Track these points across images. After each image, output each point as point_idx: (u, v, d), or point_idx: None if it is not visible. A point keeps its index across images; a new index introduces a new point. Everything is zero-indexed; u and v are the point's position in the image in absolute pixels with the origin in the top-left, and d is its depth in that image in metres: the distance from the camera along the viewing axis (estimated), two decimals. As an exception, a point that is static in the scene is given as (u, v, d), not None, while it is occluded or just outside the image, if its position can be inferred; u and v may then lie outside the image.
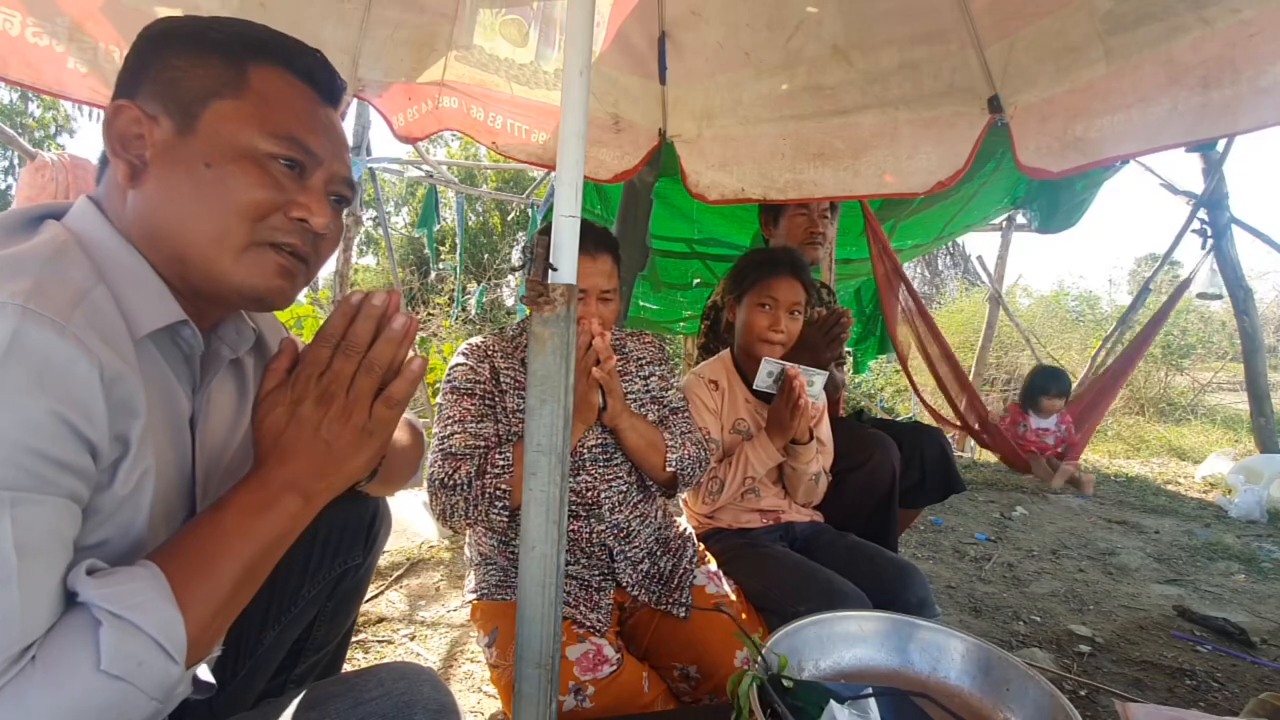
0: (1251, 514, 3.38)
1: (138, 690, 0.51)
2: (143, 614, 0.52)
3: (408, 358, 0.67)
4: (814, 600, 1.26)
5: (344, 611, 1.06)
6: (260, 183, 0.65)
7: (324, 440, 0.63)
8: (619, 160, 2.08)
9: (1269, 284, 9.25)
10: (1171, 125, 1.30)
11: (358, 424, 0.64)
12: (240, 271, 0.66)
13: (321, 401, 0.63)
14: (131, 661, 0.50)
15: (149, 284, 0.64)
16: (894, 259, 2.98)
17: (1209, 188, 3.76)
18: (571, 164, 0.84)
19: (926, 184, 1.74)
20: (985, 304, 5.77)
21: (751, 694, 0.77)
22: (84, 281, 0.58)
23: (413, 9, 1.70)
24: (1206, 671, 1.84)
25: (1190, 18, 1.25)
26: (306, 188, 0.69)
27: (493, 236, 11.54)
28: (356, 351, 0.63)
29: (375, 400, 0.65)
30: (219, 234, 0.64)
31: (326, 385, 0.63)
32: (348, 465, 0.65)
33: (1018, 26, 1.51)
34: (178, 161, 0.64)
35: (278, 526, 0.62)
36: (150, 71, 0.65)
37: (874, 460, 1.70)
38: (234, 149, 0.64)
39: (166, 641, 0.52)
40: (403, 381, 0.66)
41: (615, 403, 1.28)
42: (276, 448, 0.63)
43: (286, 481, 0.62)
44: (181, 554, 0.58)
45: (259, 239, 0.66)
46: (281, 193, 0.66)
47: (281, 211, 0.67)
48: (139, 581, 0.54)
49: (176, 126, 0.64)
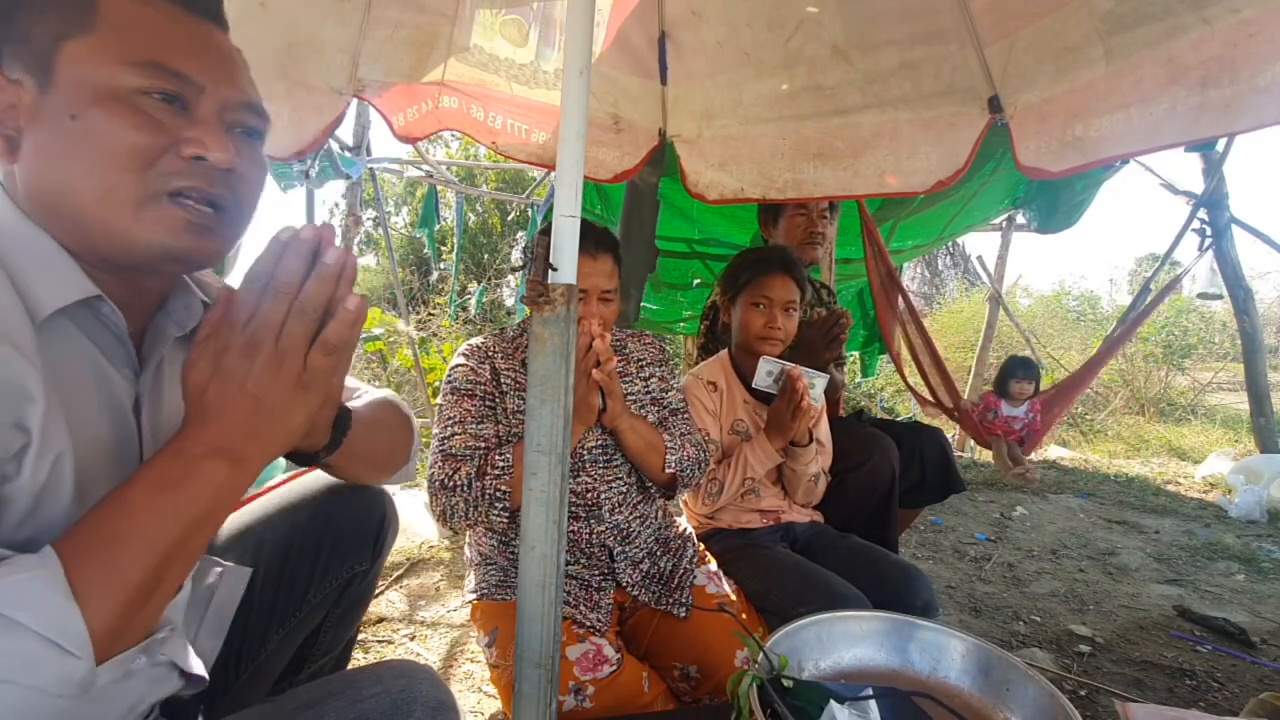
0: (1251, 514, 3.38)
1: (32, 690, 0.47)
2: (25, 609, 0.47)
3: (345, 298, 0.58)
4: (815, 602, 1.26)
5: (351, 616, 1.05)
6: (134, 124, 0.57)
7: (251, 395, 0.55)
8: (619, 160, 2.08)
9: (1269, 284, 9.25)
10: (1171, 125, 1.31)
11: (290, 375, 0.56)
12: (143, 230, 0.59)
13: (248, 351, 0.55)
14: (13, 660, 0.46)
15: (53, 260, 0.58)
16: (889, 263, 3.06)
17: (1209, 188, 3.76)
18: (571, 164, 0.85)
19: (926, 184, 1.74)
20: (985, 304, 5.77)
21: (751, 694, 0.77)
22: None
23: (413, 9, 1.70)
24: (1206, 671, 1.84)
25: (1190, 18, 1.25)
26: (195, 120, 0.60)
27: (493, 236, 11.54)
28: (286, 293, 0.55)
29: (311, 348, 0.57)
30: (104, 191, 0.57)
31: (253, 332, 0.55)
32: (283, 423, 0.57)
33: (1018, 26, 1.51)
34: (45, 121, 0.57)
35: (199, 498, 0.54)
36: (5, 26, 0.58)
37: (874, 460, 1.70)
38: (95, 91, 0.56)
39: (60, 636, 0.47)
40: (339, 324, 0.56)
41: (615, 404, 1.28)
42: (199, 407, 0.56)
43: (211, 446, 0.55)
44: (83, 539, 0.52)
45: (152, 189, 0.58)
46: (162, 132, 0.58)
47: (172, 152, 0.59)
48: (25, 573, 0.48)
49: (37, 83, 0.57)
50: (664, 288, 3.95)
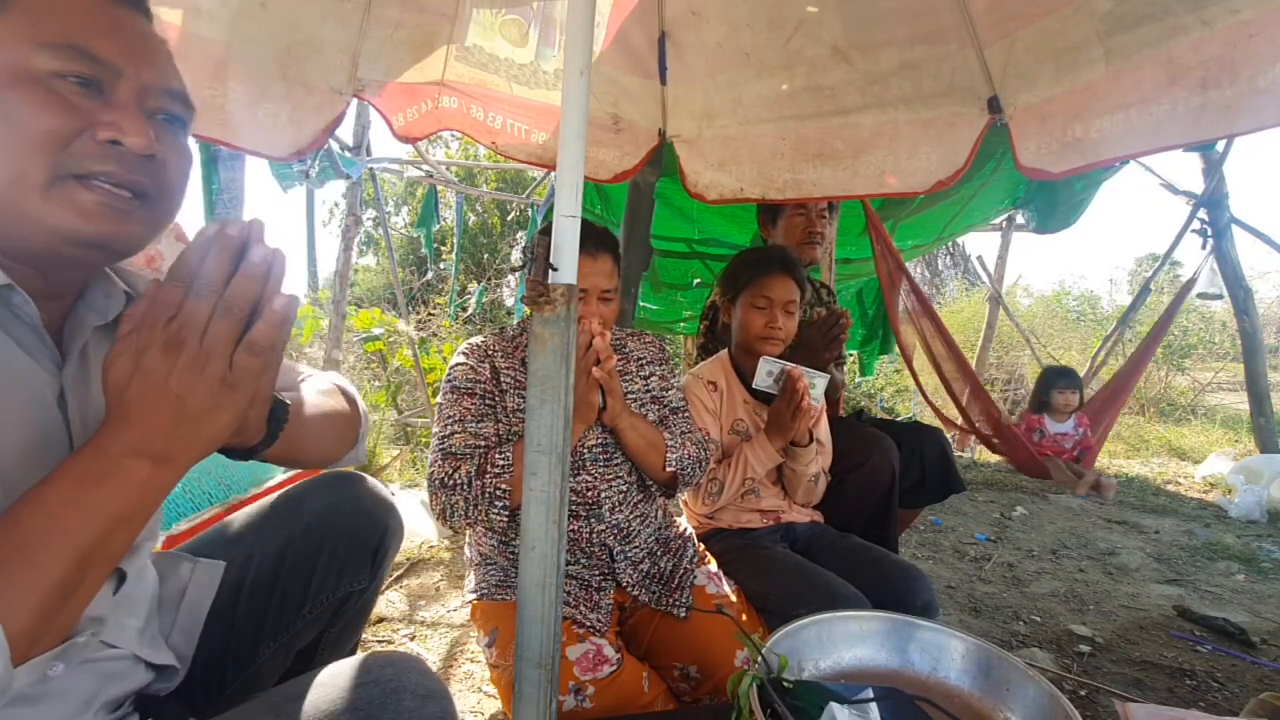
0: (1251, 514, 3.38)
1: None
2: None
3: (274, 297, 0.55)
4: (815, 603, 1.26)
5: (349, 634, 1.04)
6: (45, 105, 0.56)
7: (174, 394, 0.53)
8: (619, 160, 2.08)
9: (1269, 284, 9.26)
10: (1171, 126, 1.30)
11: (215, 375, 0.54)
12: (52, 213, 0.57)
13: (169, 349, 0.53)
14: None
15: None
16: (897, 257, 2.89)
17: (1209, 188, 3.76)
18: (571, 164, 0.85)
19: (926, 184, 1.74)
20: (985, 304, 5.77)
21: (751, 694, 0.77)
22: None
23: (412, 9, 1.70)
24: (1206, 671, 1.84)
25: (1190, 18, 1.25)
26: (112, 104, 0.59)
27: (493, 236, 11.54)
28: (211, 290, 0.53)
29: (236, 348, 0.55)
30: (14, 174, 0.56)
31: (175, 331, 0.53)
32: (207, 424, 0.55)
33: (1017, 27, 1.51)
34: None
35: (123, 496, 0.53)
36: None
37: (873, 460, 1.70)
38: (7, 73, 0.55)
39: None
40: (265, 325, 0.55)
41: (615, 403, 1.28)
42: (119, 405, 0.54)
43: (131, 445, 0.53)
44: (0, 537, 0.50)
45: (62, 171, 0.57)
46: (76, 114, 0.57)
47: (86, 135, 0.58)
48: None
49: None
50: (664, 288, 3.96)
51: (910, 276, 2.94)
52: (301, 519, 0.92)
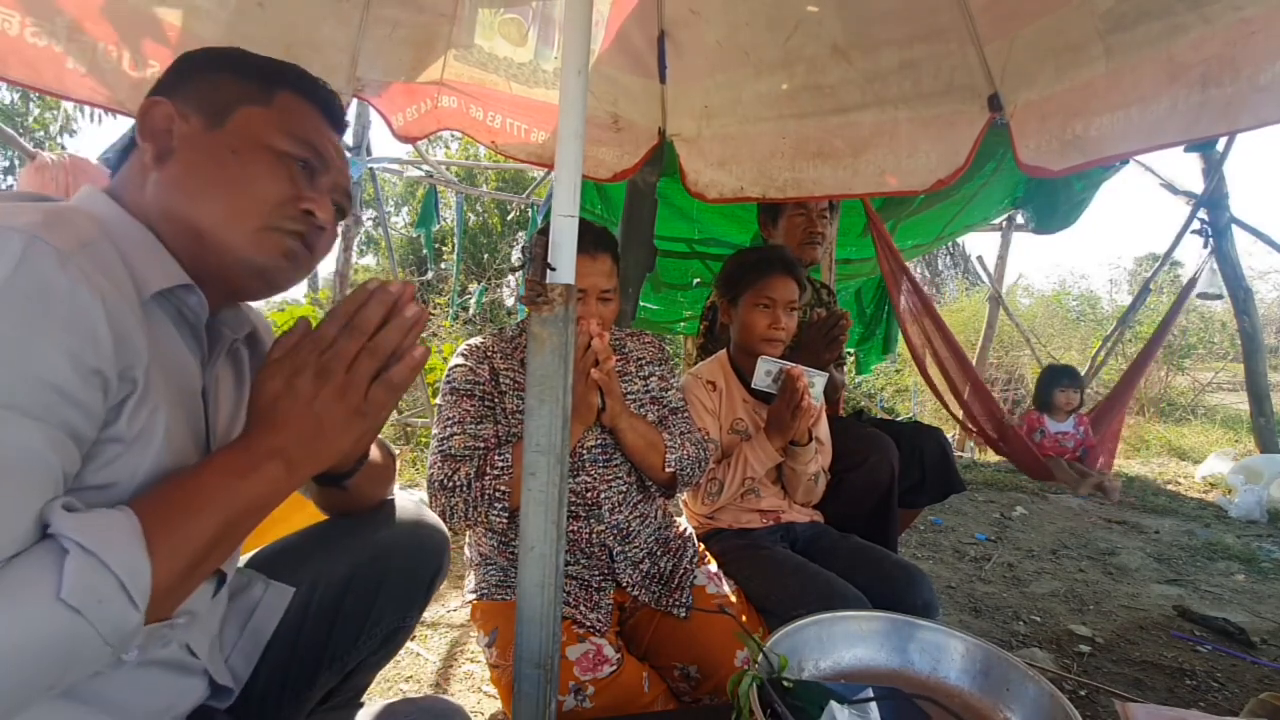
0: (1251, 514, 3.37)
1: (92, 629, 0.50)
2: (111, 551, 0.51)
3: (414, 345, 0.68)
4: (815, 603, 1.26)
5: (383, 663, 1.07)
6: (280, 174, 0.73)
7: (315, 414, 0.64)
8: (619, 159, 2.08)
9: (1269, 284, 9.26)
10: (1171, 124, 1.30)
11: (352, 403, 0.65)
12: (251, 248, 0.71)
13: (320, 376, 0.64)
14: (91, 596, 0.49)
15: (155, 250, 0.67)
16: (898, 257, 2.88)
17: (1209, 188, 3.76)
18: (570, 163, 0.84)
19: (926, 182, 1.74)
20: (985, 304, 5.77)
21: (751, 694, 0.77)
22: (88, 234, 0.60)
23: (411, 8, 1.70)
24: (1206, 671, 1.84)
25: (1190, 16, 1.25)
26: (315, 187, 0.76)
27: (493, 236, 11.54)
28: (363, 333, 0.65)
29: (373, 383, 0.66)
30: (238, 211, 0.70)
31: (327, 361, 0.64)
32: (336, 443, 0.65)
33: (1017, 25, 1.51)
34: (205, 148, 0.70)
35: (259, 491, 0.62)
36: (192, 79, 0.74)
37: (873, 460, 1.70)
38: (259, 143, 0.72)
39: (130, 584, 0.51)
40: (404, 366, 0.67)
41: (614, 403, 1.28)
42: (269, 415, 0.64)
43: (272, 448, 0.63)
44: (159, 504, 0.58)
45: (271, 223, 0.72)
46: (294, 186, 0.74)
47: (293, 202, 0.73)
48: (112, 520, 0.53)
49: (206, 123, 0.71)
50: (664, 288, 3.95)
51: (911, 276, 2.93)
52: (366, 549, 0.95)
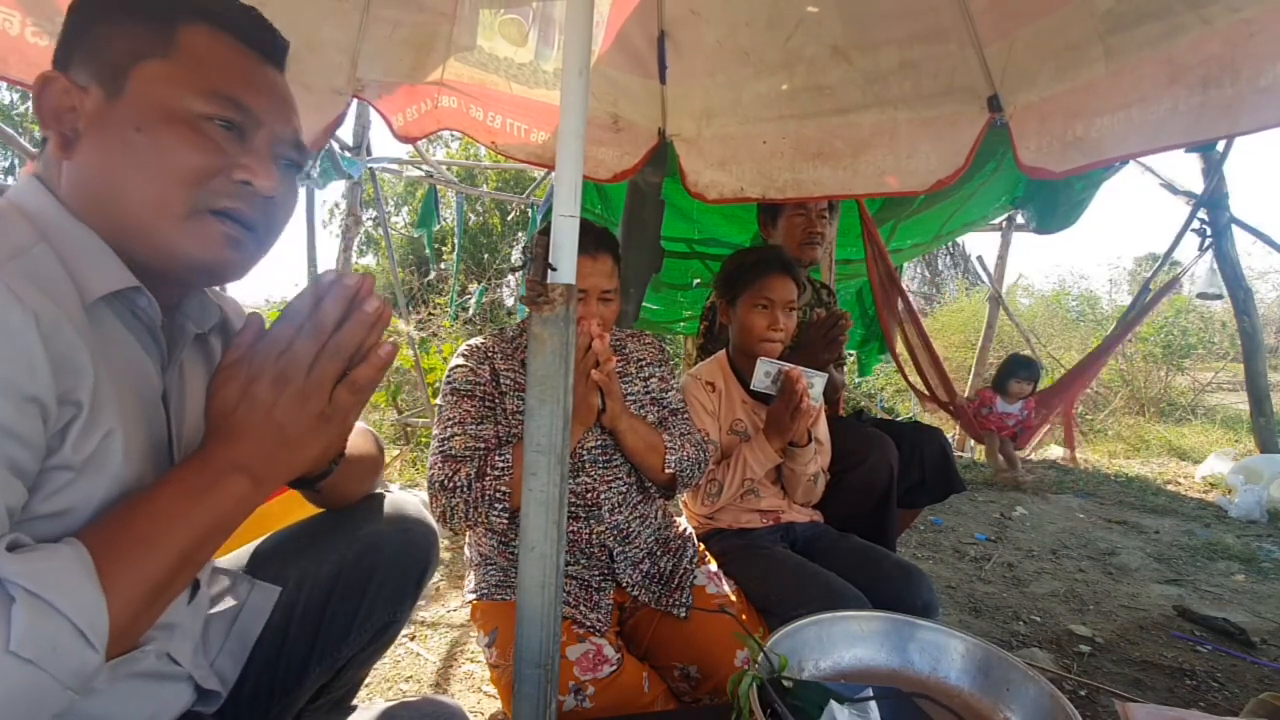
0: (1251, 514, 3.37)
1: (50, 677, 0.47)
2: (61, 594, 0.47)
3: (378, 344, 0.62)
4: (815, 603, 1.26)
5: (374, 658, 1.05)
6: (196, 145, 0.61)
7: (277, 423, 0.59)
8: (619, 160, 2.08)
9: (1269, 284, 9.25)
10: (1172, 125, 1.30)
11: (315, 409, 0.60)
12: (184, 241, 0.62)
13: (278, 382, 0.59)
14: (45, 645, 0.46)
15: (96, 250, 0.60)
16: (889, 263, 3.08)
17: (1209, 188, 3.76)
18: (570, 164, 0.84)
19: (926, 183, 1.74)
20: (985, 304, 5.76)
21: (751, 694, 0.77)
22: (21, 240, 0.55)
23: (411, 8, 1.70)
24: (1206, 671, 1.84)
25: (1190, 17, 1.25)
26: (248, 149, 0.65)
27: (493, 236, 11.54)
28: (322, 332, 0.59)
29: (337, 385, 0.60)
30: (157, 202, 0.61)
31: (285, 365, 0.59)
32: (301, 452, 0.61)
33: (1017, 26, 1.51)
34: (108, 128, 0.60)
35: (220, 509, 0.58)
36: (79, 40, 0.63)
37: (872, 459, 1.70)
38: (165, 111, 0.61)
39: (85, 626, 0.48)
40: (368, 367, 0.61)
41: (614, 404, 1.28)
42: (225, 426, 0.59)
43: (233, 462, 0.58)
44: (112, 533, 0.53)
45: (201, 205, 0.62)
46: (221, 155, 0.63)
47: (223, 174, 0.63)
48: (60, 560, 0.49)
49: (105, 93, 0.61)
50: (664, 288, 3.95)
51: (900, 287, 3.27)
52: (354, 544, 0.92)
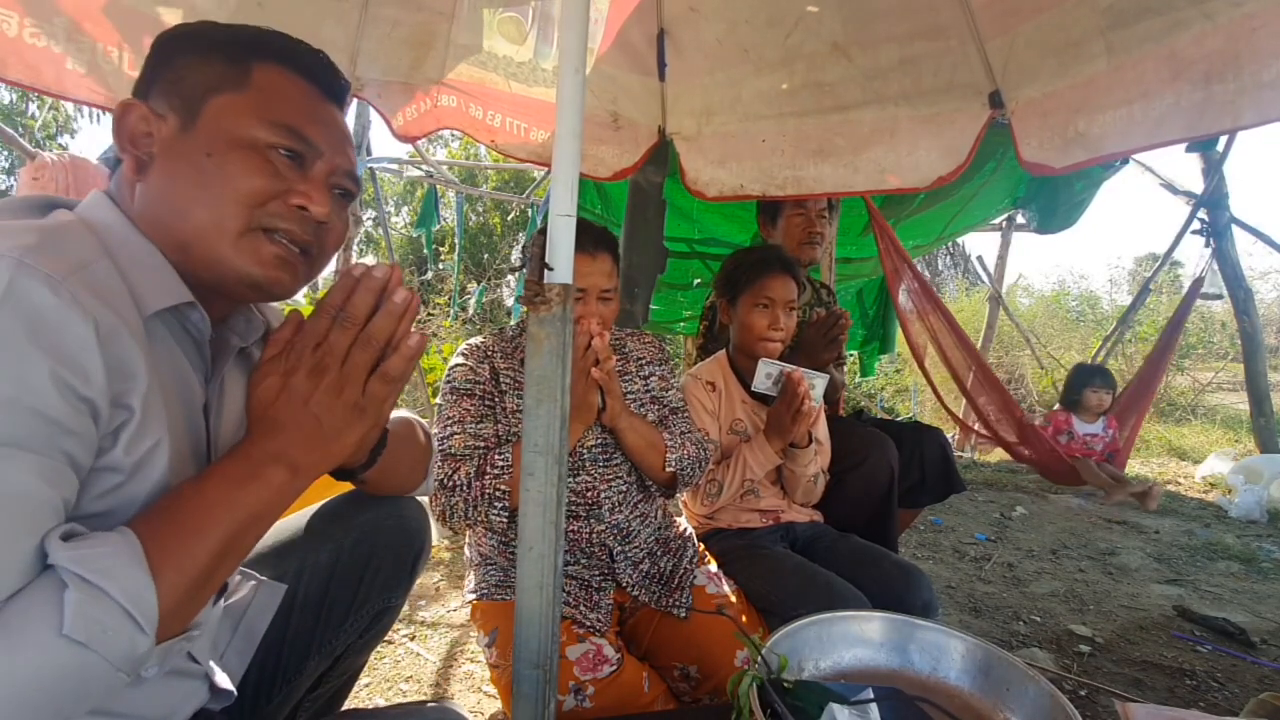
0: (1251, 514, 3.37)
1: (101, 659, 0.49)
2: (111, 579, 0.50)
3: (407, 334, 0.65)
4: (815, 603, 1.25)
5: (372, 644, 1.06)
6: (259, 170, 0.65)
7: (313, 414, 0.62)
8: (618, 158, 2.08)
9: (1269, 284, 9.25)
10: (1174, 120, 1.30)
11: (350, 399, 0.63)
12: (238, 257, 0.65)
13: (314, 374, 0.62)
14: (96, 627, 0.48)
15: (157, 265, 0.64)
16: (903, 253, 2.78)
17: (1209, 187, 3.76)
18: (567, 162, 0.84)
19: (927, 180, 1.73)
20: (985, 304, 5.76)
21: (751, 694, 0.77)
22: (87, 254, 0.58)
23: (410, 7, 1.69)
24: (1206, 671, 1.84)
25: (1191, 12, 1.25)
26: (307, 177, 0.69)
27: (493, 236, 11.54)
28: (354, 324, 0.62)
29: (370, 376, 0.63)
30: (218, 218, 0.64)
31: (320, 357, 0.62)
32: (338, 441, 0.63)
33: (1018, 22, 1.50)
34: (181, 154, 0.65)
35: (262, 498, 0.60)
36: (160, 72, 0.67)
37: (872, 459, 1.69)
38: (234, 138, 0.65)
39: (135, 609, 0.50)
40: (399, 358, 0.64)
41: (614, 403, 1.27)
42: (265, 418, 0.62)
43: (272, 453, 0.61)
44: (159, 521, 0.56)
45: (255, 224, 0.66)
46: (281, 180, 0.67)
47: (281, 199, 0.67)
48: (111, 546, 0.52)
49: (181, 122, 0.65)
50: (664, 288, 3.95)
51: (917, 271, 2.87)
52: (350, 533, 0.94)
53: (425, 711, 0.89)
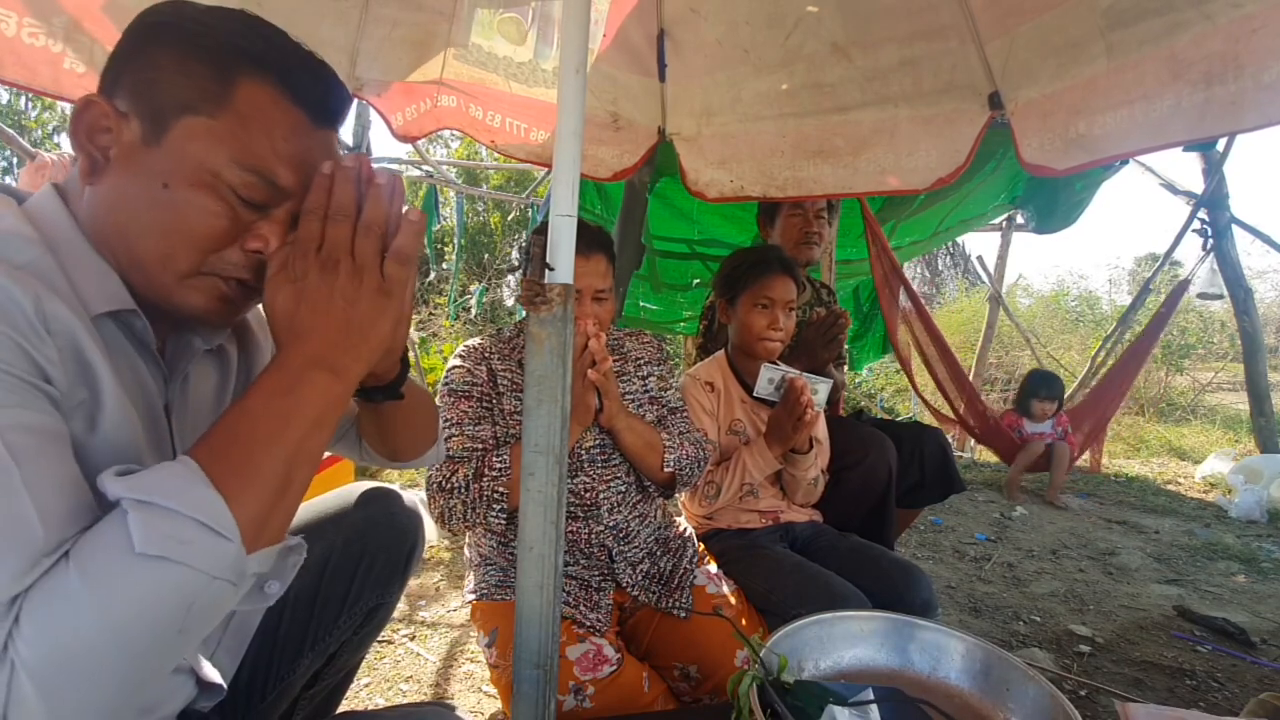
0: (1251, 514, 3.37)
1: (190, 569, 0.48)
2: (171, 497, 0.49)
3: (403, 211, 0.62)
4: (815, 602, 1.26)
5: (367, 642, 1.06)
6: (217, 214, 0.61)
7: (340, 308, 0.59)
8: (618, 158, 2.07)
9: (1269, 284, 9.24)
10: (1175, 122, 1.29)
11: (372, 285, 0.60)
12: (182, 295, 0.63)
13: (328, 270, 0.59)
14: (170, 540, 0.48)
15: (100, 271, 0.61)
16: (893, 259, 2.99)
17: (1209, 188, 3.75)
18: (568, 163, 0.84)
19: (927, 181, 1.73)
20: (985, 304, 5.76)
21: (751, 694, 0.77)
22: (31, 251, 0.57)
23: (410, 7, 1.69)
24: (1206, 671, 1.84)
25: (1191, 13, 1.24)
26: (269, 217, 0.64)
27: (493, 236, 11.53)
28: (347, 216, 0.60)
29: (383, 261, 0.61)
30: (165, 255, 0.61)
31: (328, 253, 0.60)
32: (373, 331, 0.61)
33: (1018, 22, 1.50)
34: (138, 171, 0.60)
35: (312, 404, 0.58)
36: (131, 66, 0.61)
37: (871, 459, 1.69)
38: (196, 174, 0.60)
39: (208, 518, 0.50)
40: (406, 235, 0.62)
41: (612, 404, 1.27)
42: (291, 328, 0.59)
43: (310, 358, 0.58)
44: (214, 444, 0.55)
45: (207, 270, 0.63)
46: (238, 225, 0.63)
47: (236, 244, 0.63)
48: (167, 473, 0.52)
49: (144, 133, 0.60)
50: (664, 288, 3.94)
51: (906, 281, 3.05)
52: (341, 530, 0.93)
53: (425, 712, 0.89)
